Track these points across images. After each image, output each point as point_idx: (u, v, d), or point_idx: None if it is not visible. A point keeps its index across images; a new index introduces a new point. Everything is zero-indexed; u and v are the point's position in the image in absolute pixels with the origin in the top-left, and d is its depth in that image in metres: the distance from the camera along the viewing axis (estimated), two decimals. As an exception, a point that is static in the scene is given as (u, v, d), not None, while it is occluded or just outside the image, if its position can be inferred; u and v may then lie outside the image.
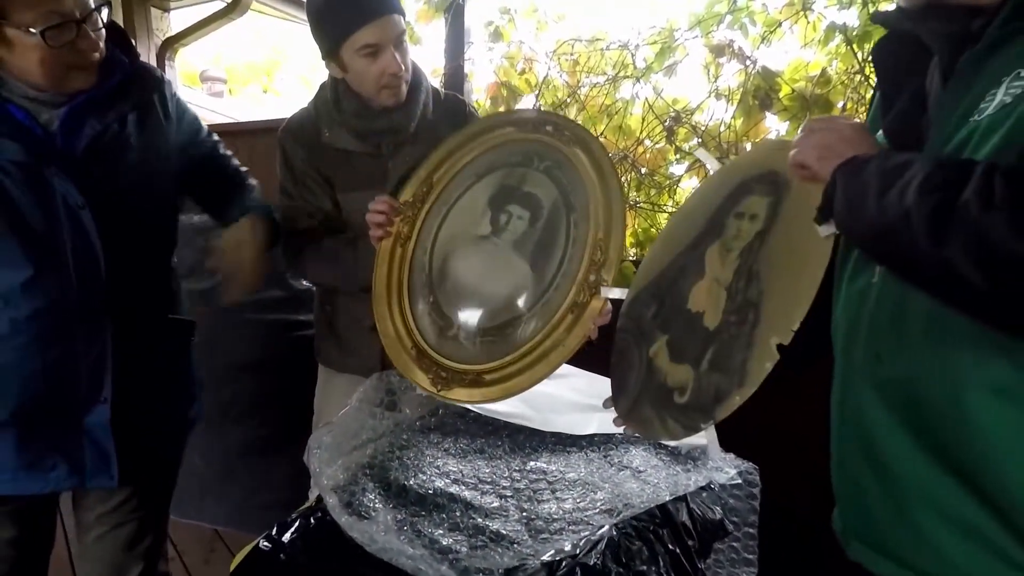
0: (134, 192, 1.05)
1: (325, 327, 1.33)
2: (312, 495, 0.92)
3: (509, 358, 0.99)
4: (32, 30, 0.90)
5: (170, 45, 2.84)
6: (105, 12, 0.99)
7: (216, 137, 1.26)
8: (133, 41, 1.13)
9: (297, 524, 0.82)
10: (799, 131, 0.70)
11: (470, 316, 1.05)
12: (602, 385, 1.09)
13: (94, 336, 1.00)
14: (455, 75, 1.99)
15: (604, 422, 1.07)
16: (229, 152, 1.27)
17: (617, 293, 0.91)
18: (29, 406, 0.97)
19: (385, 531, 0.75)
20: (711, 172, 0.92)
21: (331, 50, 1.16)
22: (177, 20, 2.96)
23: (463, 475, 0.93)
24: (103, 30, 1.00)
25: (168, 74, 2.59)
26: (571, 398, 1.21)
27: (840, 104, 1.74)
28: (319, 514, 0.83)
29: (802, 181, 0.70)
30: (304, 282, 1.64)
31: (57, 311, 0.97)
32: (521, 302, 1.01)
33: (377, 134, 1.21)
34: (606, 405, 0.89)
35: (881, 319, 0.61)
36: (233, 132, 2.11)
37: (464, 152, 1.15)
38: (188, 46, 2.93)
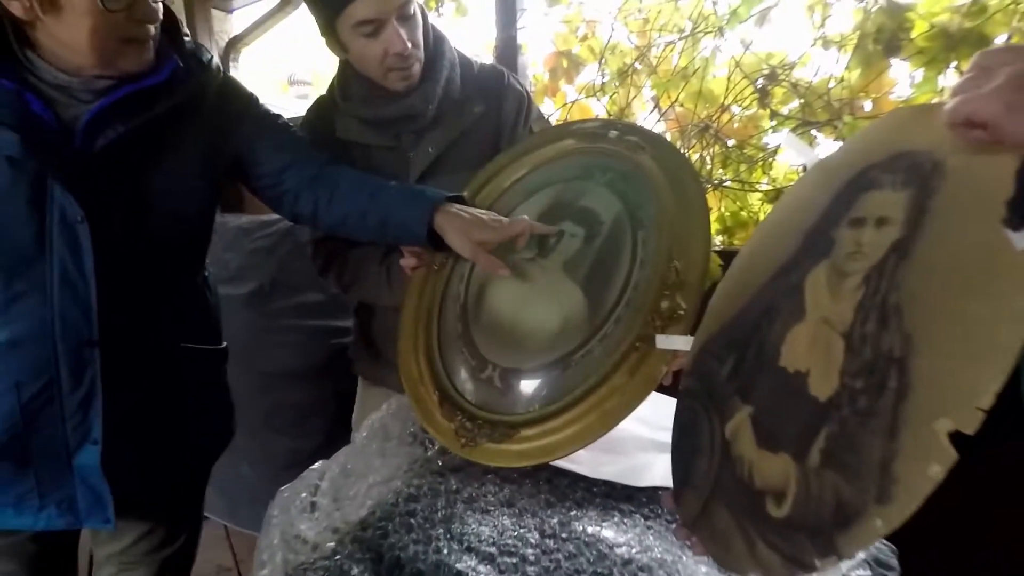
0: (151, 207, 0.90)
1: (360, 336, 1.22)
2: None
3: (554, 407, 0.79)
4: None
5: (233, 46, 2.82)
6: None
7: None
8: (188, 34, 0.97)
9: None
10: (966, 71, 0.45)
11: (507, 354, 0.86)
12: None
13: (79, 370, 0.87)
14: (507, 48, 1.77)
15: (669, 471, 0.86)
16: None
17: (682, 343, 0.69)
18: (12, 444, 0.87)
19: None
20: (805, 166, 0.66)
21: (326, 27, 1.00)
22: (239, 21, 2.93)
23: (480, 540, 0.74)
24: (160, 4, 0.85)
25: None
26: (633, 431, 0.99)
27: (1002, 38, 1.35)
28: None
29: (974, 149, 0.44)
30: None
31: (34, 341, 0.85)
32: (571, 336, 0.81)
33: (391, 123, 1.05)
34: (666, 504, 0.66)
35: None
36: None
37: (513, 169, 0.99)
38: (250, 45, 2.89)
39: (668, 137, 1.71)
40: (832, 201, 0.58)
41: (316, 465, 0.82)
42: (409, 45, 0.95)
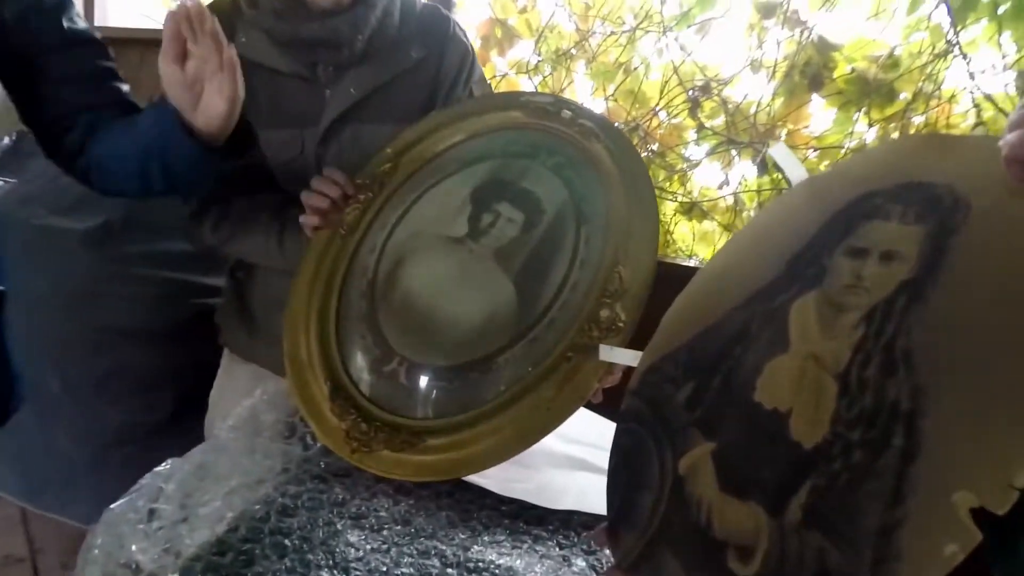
0: None
1: (234, 300, 1.02)
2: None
3: (468, 416, 0.68)
4: None
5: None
6: None
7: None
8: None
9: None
10: (1020, 106, 0.40)
11: (419, 346, 0.74)
12: (598, 428, 0.80)
13: None
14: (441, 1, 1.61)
15: (587, 492, 0.79)
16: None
17: (628, 357, 0.61)
18: None
19: None
20: (792, 181, 0.61)
21: None
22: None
23: (370, 570, 0.62)
24: None
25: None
26: (544, 444, 0.91)
27: (903, 96, 1.44)
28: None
29: (1013, 190, 0.40)
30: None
31: None
32: (496, 335, 0.70)
33: (309, 47, 0.87)
34: (597, 541, 0.58)
35: None
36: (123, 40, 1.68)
37: (449, 132, 0.86)
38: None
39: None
40: (825, 226, 0.53)
41: (162, 467, 0.63)
42: None
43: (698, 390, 0.55)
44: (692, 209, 1.62)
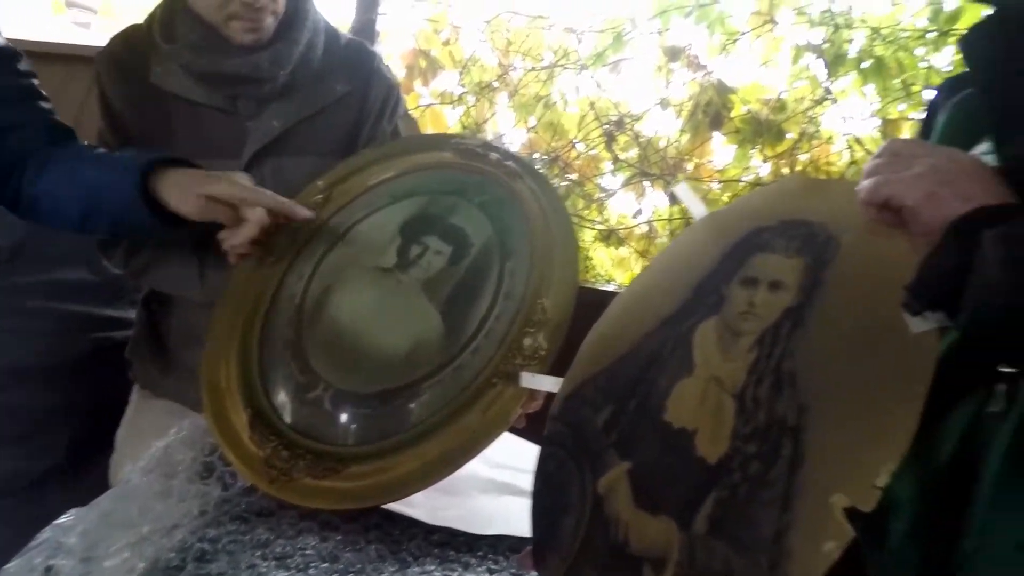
0: None
1: (146, 332, 0.97)
2: None
3: (393, 441, 0.69)
4: None
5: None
6: None
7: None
8: None
9: None
10: (877, 155, 0.47)
11: (345, 373, 0.74)
12: (523, 451, 0.82)
13: None
14: (364, 31, 1.63)
15: (514, 516, 0.81)
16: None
17: (550, 383, 0.64)
18: None
19: None
20: (695, 217, 0.67)
21: None
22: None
23: None
24: None
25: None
26: (470, 470, 0.92)
27: (790, 135, 1.59)
28: None
29: (872, 229, 0.46)
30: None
31: None
32: (422, 363, 0.72)
33: (229, 81, 0.86)
34: (523, 565, 0.60)
35: None
36: (51, 56, 1.58)
37: (382, 168, 0.88)
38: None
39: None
40: (723, 257, 0.58)
41: (63, 519, 0.59)
42: None
43: (616, 413, 0.58)
44: (609, 236, 1.71)
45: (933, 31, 1.26)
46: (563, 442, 0.61)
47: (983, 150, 0.47)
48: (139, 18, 0.92)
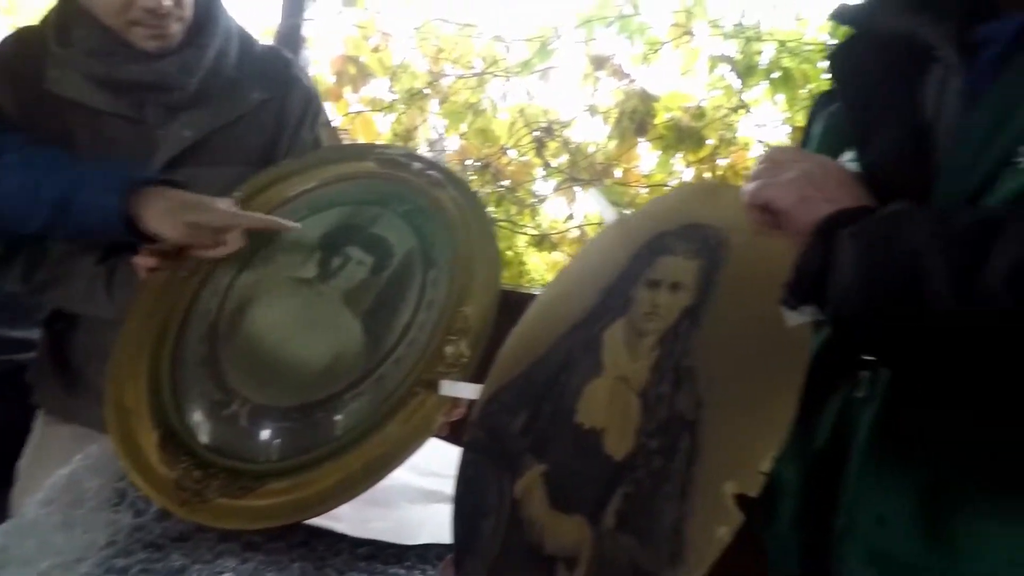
0: None
1: (50, 354, 0.91)
2: None
3: (313, 455, 0.68)
4: None
5: None
6: None
7: None
8: None
9: None
10: (759, 161, 0.50)
11: (263, 387, 0.72)
12: (452, 459, 0.82)
13: None
14: (290, 36, 1.59)
15: (444, 524, 0.81)
16: None
17: (469, 391, 0.65)
18: None
19: None
20: (606, 221, 0.70)
21: None
22: None
23: None
24: None
25: None
26: (399, 479, 0.92)
27: (710, 141, 1.67)
28: None
29: (757, 230, 0.50)
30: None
31: None
32: (343, 374, 0.71)
33: (134, 88, 0.82)
34: (445, 573, 0.61)
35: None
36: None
37: (302, 179, 0.87)
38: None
39: (450, 167, 1.72)
40: (630, 260, 0.61)
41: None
42: (166, 0, 0.76)
43: (531, 417, 0.60)
44: (543, 241, 1.74)
45: (834, 45, 1.36)
46: (482, 448, 0.62)
47: (849, 158, 0.51)
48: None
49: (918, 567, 0.44)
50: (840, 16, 0.54)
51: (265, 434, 0.70)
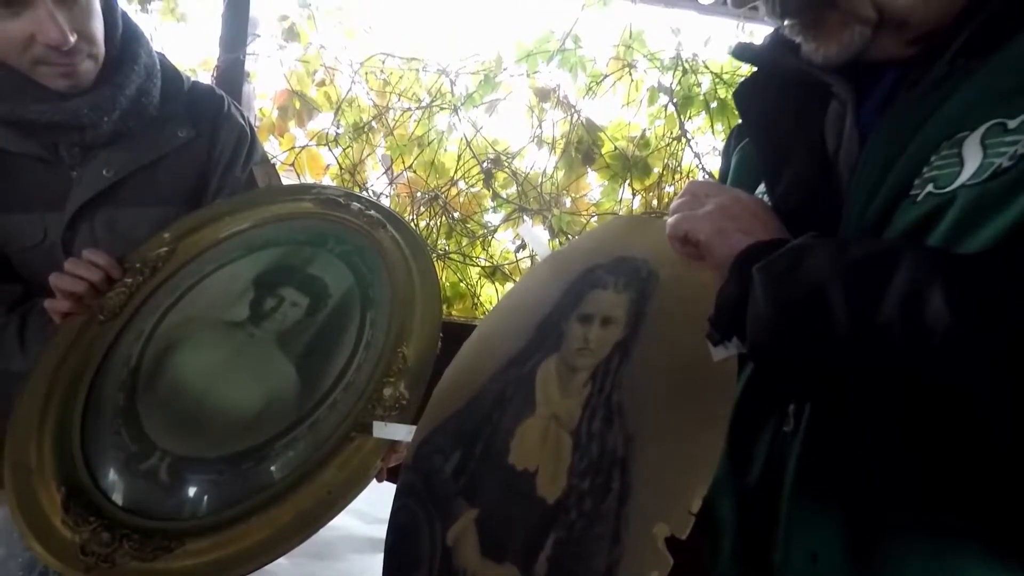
0: None
1: None
2: None
3: (238, 509, 0.64)
4: None
5: None
6: None
7: None
8: None
9: None
10: (680, 195, 0.50)
11: (186, 438, 0.68)
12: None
13: None
14: (231, 71, 1.57)
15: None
16: None
17: (402, 433, 0.63)
18: None
19: None
20: (538, 257, 0.69)
21: None
22: None
23: None
24: None
25: None
26: (346, 529, 0.88)
27: (656, 170, 1.70)
28: None
29: (683, 263, 0.50)
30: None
31: None
32: (274, 421, 0.68)
33: (43, 129, 0.79)
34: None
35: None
36: None
37: (235, 220, 0.84)
38: None
39: (398, 201, 1.71)
40: (563, 294, 0.60)
41: None
42: (72, 37, 0.72)
43: (464, 459, 0.58)
44: (495, 272, 1.73)
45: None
46: (415, 492, 0.60)
47: (761, 190, 0.52)
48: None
49: None
50: (740, 54, 0.55)
51: (186, 488, 0.66)
